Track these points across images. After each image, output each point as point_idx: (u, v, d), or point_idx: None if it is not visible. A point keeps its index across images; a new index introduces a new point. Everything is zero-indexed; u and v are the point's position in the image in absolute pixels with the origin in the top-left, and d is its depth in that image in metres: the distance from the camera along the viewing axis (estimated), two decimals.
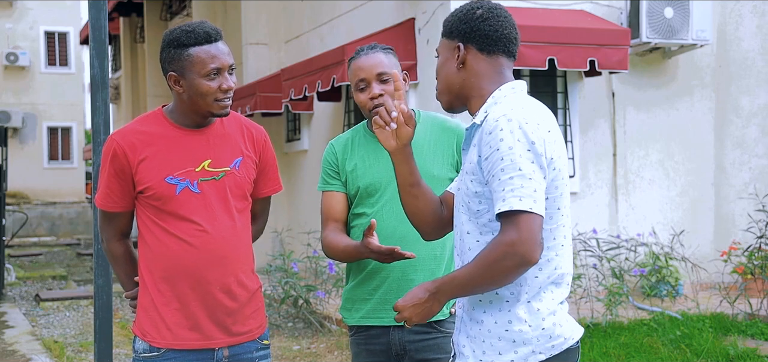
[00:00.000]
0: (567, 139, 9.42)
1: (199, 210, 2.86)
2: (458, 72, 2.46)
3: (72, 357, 7.48)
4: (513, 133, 2.25)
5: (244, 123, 3.04)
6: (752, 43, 10.16)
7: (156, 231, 2.87)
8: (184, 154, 2.87)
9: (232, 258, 2.89)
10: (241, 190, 2.94)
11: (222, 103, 2.85)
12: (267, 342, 3.05)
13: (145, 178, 2.85)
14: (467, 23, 2.44)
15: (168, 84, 2.89)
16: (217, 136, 2.93)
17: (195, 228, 2.84)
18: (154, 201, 2.86)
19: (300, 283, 8.50)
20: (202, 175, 2.87)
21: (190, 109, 2.88)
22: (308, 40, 12.29)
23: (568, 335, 2.38)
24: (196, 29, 2.83)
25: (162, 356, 2.87)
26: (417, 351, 3.11)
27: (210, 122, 2.94)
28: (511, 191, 2.21)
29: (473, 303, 2.40)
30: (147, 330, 2.90)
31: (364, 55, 3.12)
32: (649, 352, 6.86)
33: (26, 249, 19.01)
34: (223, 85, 2.83)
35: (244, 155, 2.97)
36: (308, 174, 12.07)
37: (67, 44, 30.20)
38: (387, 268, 3.10)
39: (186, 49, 2.82)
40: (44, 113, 29.61)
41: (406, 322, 2.41)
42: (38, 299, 10.76)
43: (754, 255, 8.56)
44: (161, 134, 2.89)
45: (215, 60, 2.82)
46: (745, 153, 10.15)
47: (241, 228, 2.93)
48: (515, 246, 2.19)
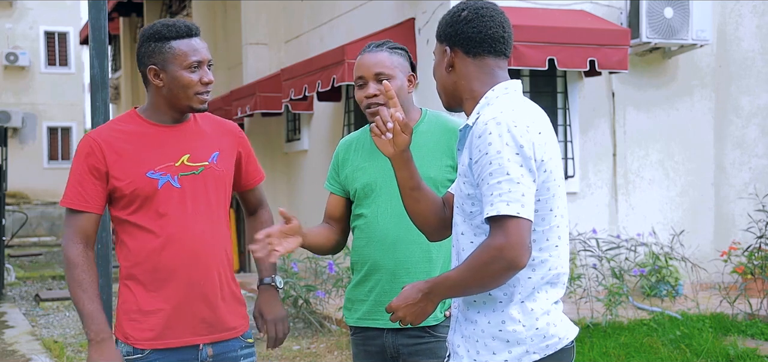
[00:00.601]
0: (567, 139, 9.42)
1: (179, 205, 2.84)
2: (449, 75, 2.48)
3: (72, 357, 7.48)
4: (501, 137, 2.25)
5: (216, 120, 3.05)
6: (752, 43, 10.16)
7: (135, 231, 2.84)
8: (162, 149, 2.86)
9: (213, 254, 2.88)
10: (222, 184, 2.94)
11: (202, 96, 2.85)
12: (251, 341, 3.04)
13: (124, 175, 2.81)
14: (452, 26, 2.45)
15: (145, 79, 2.87)
16: (193, 132, 2.94)
17: (174, 225, 2.83)
18: (133, 199, 2.83)
19: (300, 283, 8.50)
20: (182, 169, 2.87)
21: (168, 103, 2.87)
22: (308, 40, 12.29)
23: (563, 335, 2.38)
24: (177, 23, 2.85)
25: (146, 357, 2.86)
26: (410, 355, 3.10)
27: (185, 119, 2.93)
28: (499, 196, 2.21)
29: (468, 304, 2.41)
30: (129, 332, 2.88)
31: (369, 52, 3.10)
32: (649, 352, 6.86)
33: (26, 249, 19.01)
34: (203, 78, 2.84)
35: (221, 150, 2.97)
36: (308, 174, 12.07)
37: (67, 44, 30.20)
38: (381, 270, 3.10)
39: (167, 41, 2.82)
40: (44, 113, 29.61)
41: (401, 322, 2.41)
42: (38, 299, 10.76)
43: (754, 255, 8.55)
44: (138, 132, 2.88)
45: (196, 53, 2.83)
46: (745, 153, 10.15)
47: (219, 223, 2.93)
48: (503, 250, 2.20)
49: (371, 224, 3.10)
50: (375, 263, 3.10)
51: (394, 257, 3.07)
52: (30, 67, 29.32)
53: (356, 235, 3.18)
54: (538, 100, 9.47)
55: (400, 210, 3.05)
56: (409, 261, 3.06)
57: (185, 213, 2.84)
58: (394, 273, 3.08)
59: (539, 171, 2.29)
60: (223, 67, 15.34)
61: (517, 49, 8.05)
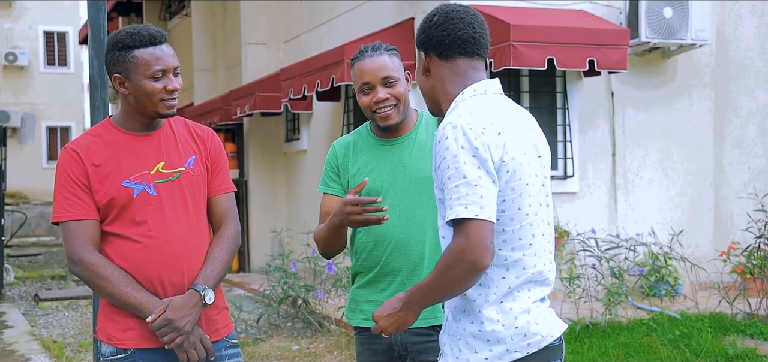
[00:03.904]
0: (566, 139, 9.42)
1: (157, 212, 2.85)
2: (427, 80, 2.52)
3: (71, 357, 7.48)
4: (457, 140, 2.27)
5: (191, 125, 3.04)
6: (751, 43, 10.16)
7: (114, 240, 2.85)
8: (137, 158, 2.87)
9: (192, 258, 2.88)
10: (198, 188, 2.94)
11: (167, 102, 2.85)
12: (235, 341, 3.05)
13: (101, 185, 2.83)
14: (425, 32, 2.50)
15: (113, 86, 2.89)
16: (168, 138, 2.94)
17: (153, 230, 2.83)
18: (110, 209, 2.83)
19: (299, 283, 8.50)
20: (157, 177, 2.87)
21: (136, 111, 2.88)
22: (307, 39, 12.28)
23: (546, 333, 2.38)
24: (141, 31, 2.84)
25: (130, 357, 2.85)
26: (418, 353, 3.12)
27: (159, 125, 2.94)
28: (458, 199, 2.24)
29: (455, 305, 2.44)
30: (112, 333, 2.88)
31: (369, 56, 3.10)
32: (649, 352, 6.87)
33: (25, 249, 19.01)
34: (168, 86, 2.84)
35: (197, 154, 2.97)
36: (307, 174, 12.07)
37: (66, 44, 30.19)
38: (393, 272, 3.11)
39: (130, 50, 2.82)
40: (43, 113, 29.60)
41: (382, 332, 2.46)
42: (37, 299, 10.76)
43: (753, 254, 8.56)
44: (112, 141, 2.89)
45: (160, 62, 2.82)
46: (744, 153, 10.16)
47: (199, 227, 2.93)
48: (464, 252, 2.22)
49: (380, 226, 3.09)
50: (386, 265, 3.11)
51: (407, 258, 3.09)
52: (29, 66, 29.31)
53: (362, 237, 3.17)
54: (538, 99, 9.55)
55: (409, 211, 3.07)
56: (421, 263, 3.07)
57: (164, 220, 2.85)
58: (406, 274, 3.09)
59: (500, 171, 2.30)
60: (222, 67, 15.35)
61: (517, 48, 8.06)
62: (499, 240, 2.34)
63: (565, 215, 9.09)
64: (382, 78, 3.06)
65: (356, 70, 3.12)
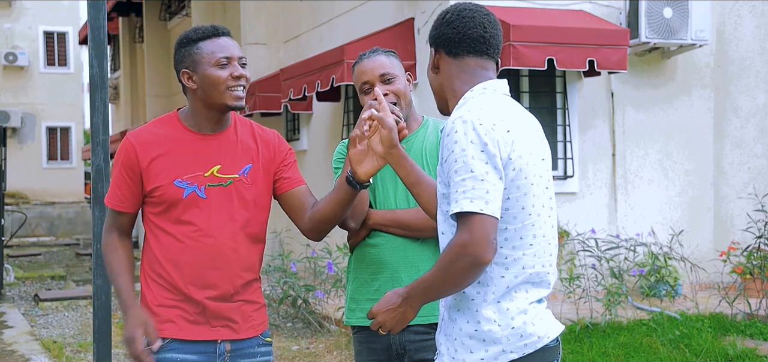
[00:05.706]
0: (566, 139, 9.42)
1: (204, 215, 2.88)
2: (436, 76, 2.54)
3: (71, 357, 7.48)
4: (467, 135, 2.27)
5: (256, 128, 3.07)
6: (751, 43, 10.16)
7: (159, 234, 2.91)
8: (194, 158, 2.91)
9: (233, 261, 2.91)
10: (248, 198, 2.95)
11: (234, 91, 2.88)
12: (269, 339, 3.08)
13: (155, 179, 2.88)
14: (436, 29, 2.52)
15: (183, 85, 2.95)
16: (230, 143, 2.96)
17: (198, 231, 2.88)
18: (160, 203, 2.90)
19: (299, 283, 8.50)
20: (210, 180, 2.91)
21: (204, 105, 2.92)
22: (307, 40, 12.29)
23: (542, 333, 2.38)
24: (204, 26, 2.94)
25: (166, 346, 2.89)
26: (416, 351, 3.13)
27: (223, 127, 2.96)
28: (464, 193, 2.24)
29: (450, 303, 2.44)
30: None
31: (367, 58, 3.18)
32: (648, 352, 6.87)
33: (25, 250, 19.01)
34: (233, 73, 2.88)
35: (255, 162, 2.98)
36: (308, 174, 11.99)
37: (66, 44, 30.18)
38: (390, 270, 3.13)
39: (195, 44, 2.91)
40: (43, 113, 29.59)
41: (380, 328, 2.43)
42: (37, 299, 10.76)
43: (753, 255, 8.56)
44: (174, 136, 2.93)
45: (224, 50, 2.89)
46: (744, 153, 10.16)
47: (245, 233, 2.94)
48: (467, 247, 2.22)
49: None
50: (383, 262, 3.13)
51: (404, 256, 3.11)
52: (29, 66, 29.31)
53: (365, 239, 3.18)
54: (538, 99, 9.55)
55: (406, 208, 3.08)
56: (419, 260, 3.09)
57: (209, 224, 2.89)
58: (402, 271, 3.11)
59: (507, 169, 2.30)
60: None
61: (517, 49, 8.06)
62: (501, 237, 2.34)
63: (565, 215, 9.09)
64: (379, 75, 3.12)
65: (356, 72, 3.20)
